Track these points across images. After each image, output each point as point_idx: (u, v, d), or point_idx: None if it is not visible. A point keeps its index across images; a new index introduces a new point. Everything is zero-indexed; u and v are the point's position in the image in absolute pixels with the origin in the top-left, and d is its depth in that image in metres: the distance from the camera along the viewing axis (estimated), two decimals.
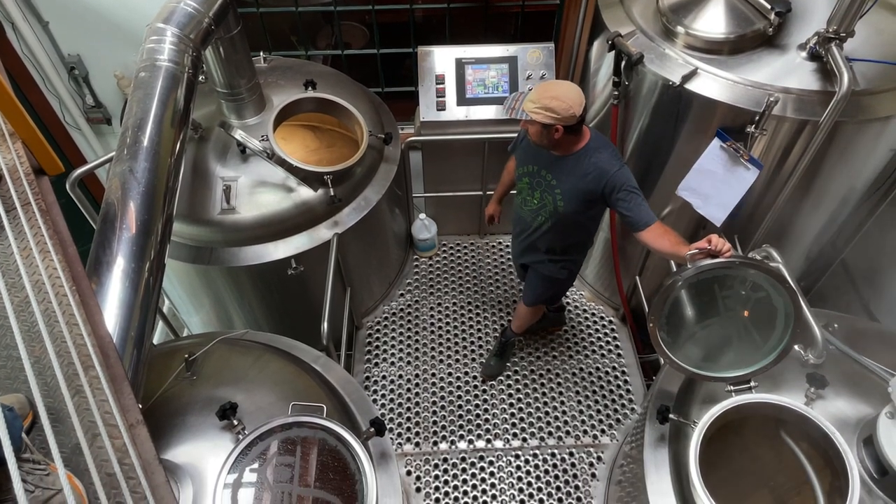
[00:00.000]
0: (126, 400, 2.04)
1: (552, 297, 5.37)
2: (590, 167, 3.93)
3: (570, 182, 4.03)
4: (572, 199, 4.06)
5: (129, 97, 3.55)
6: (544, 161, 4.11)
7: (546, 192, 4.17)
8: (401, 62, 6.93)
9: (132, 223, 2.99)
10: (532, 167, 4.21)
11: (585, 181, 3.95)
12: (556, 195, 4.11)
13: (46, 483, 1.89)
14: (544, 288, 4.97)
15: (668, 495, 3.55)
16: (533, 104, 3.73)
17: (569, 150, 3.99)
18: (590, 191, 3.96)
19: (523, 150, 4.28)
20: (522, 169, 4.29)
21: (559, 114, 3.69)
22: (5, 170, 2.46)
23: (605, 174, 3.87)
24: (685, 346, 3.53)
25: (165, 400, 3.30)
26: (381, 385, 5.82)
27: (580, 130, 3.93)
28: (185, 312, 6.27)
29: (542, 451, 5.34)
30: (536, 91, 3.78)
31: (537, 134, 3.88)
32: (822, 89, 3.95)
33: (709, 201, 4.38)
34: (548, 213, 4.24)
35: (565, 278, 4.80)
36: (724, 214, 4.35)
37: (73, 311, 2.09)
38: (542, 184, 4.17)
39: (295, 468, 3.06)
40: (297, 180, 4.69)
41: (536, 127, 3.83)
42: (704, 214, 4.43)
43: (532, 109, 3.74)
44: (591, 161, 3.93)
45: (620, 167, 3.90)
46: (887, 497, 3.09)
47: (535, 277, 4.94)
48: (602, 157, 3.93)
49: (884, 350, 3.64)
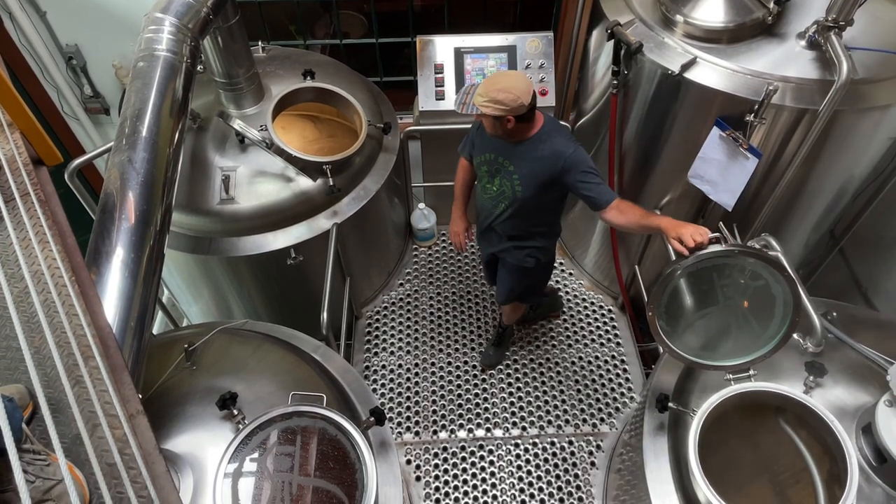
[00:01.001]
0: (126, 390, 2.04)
1: (527, 293, 5.21)
2: (545, 151, 3.98)
3: (527, 167, 4.07)
4: (530, 184, 4.10)
5: (127, 87, 3.54)
6: (500, 148, 4.14)
7: (505, 179, 4.19)
8: (399, 51, 6.92)
9: (131, 213, 2.99)
10: (490, 155, 4.23)
11: (542, 165, 4.00)
12: (515, 181, 4.14)
13: (47, 473, 1.89)
14: (514, 281, 4.93)
15: (668, 483, 3.56)
16: (482, 98, 3.76)
17: (523, 137, 4.02)
18: (547, 174, 4.00)
19: (480, 139, 4.30)
20: (481, 158, 4.31)
21: (508, 105, 3.73)
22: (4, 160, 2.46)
23: (561, 156, 3.93)
24: (684, 335, 3.53)
25: (165, 390, 3.30)
26: (380, 374, 5.83)
27: (532, 118, 3.95)
28: (184, 302, 6.27)
29: (542, 439, 5.35)
30: (484, 84, 3.81)
31: (491, 126, 3.94)
32: (821, 78, 3.95)
33: (718, 188, 4.39)
34: (508, 199, 4.26)
35: (533, 267, 4.73)
36: (733, 200, 4.36)
37: (73, 301, 2.09)
38: (501, 171, 4.19)
39: (295, 457, 3.07)
40: (296, 170, 4.69)
41: (489, 119, 3.88)
42: (716, 200, 4.45)
43: (481, 104, 3.77)
44: (546, 145, 3.99)
45: (576, 149, 3.97)
46: (886, 484, 3.10)
47: (504, 271, 4.93)
48: (557, 141, 3.98)
49: (882, 338, 3.65)
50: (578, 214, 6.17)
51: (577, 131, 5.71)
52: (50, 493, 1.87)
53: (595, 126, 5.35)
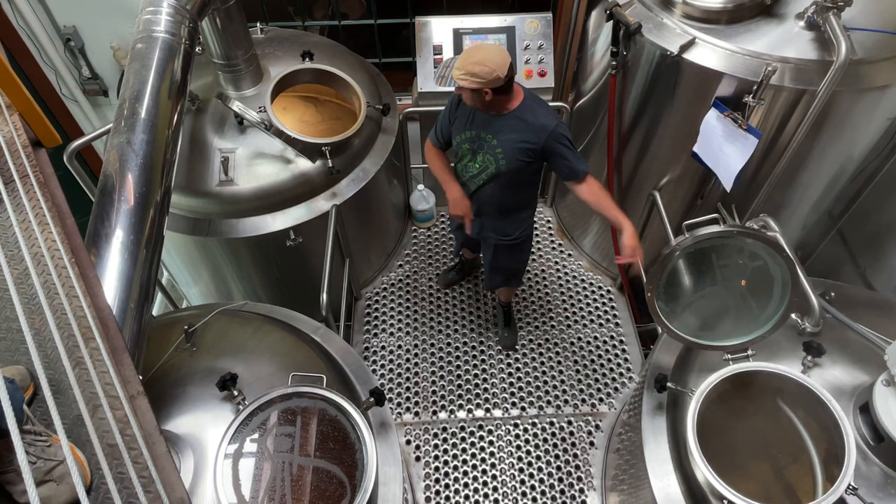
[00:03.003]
0: (126, 371, 2.05)
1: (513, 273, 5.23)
2: (528, 123, 4.03)
3: (510, 140, 4.08)
4: (513, 157, 4.12)
5: (125, 69, 3.54)
6: (482, 124, 4.16)
7: (487, 154, 4.20)
8: (398, 33, 6.89)
9: (130, 195, 2.99)
10: (470, 132, 4.24)
11: (525, 136, 4.04)
12: (497, 154, 4.15)
13: (48, 454, 1.91)
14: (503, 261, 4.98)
15: (666, 463, 3.58)
16: (459, 71, 3.79)
17: (504, 109, 4.06)
18: (530, 146, 4.05)
19: (459, 118, 4.30)
20: (461, 136, 4.30)
21: (484, 78, 3.75)
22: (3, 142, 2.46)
23: (546, 129, 3.99)
24: (683, 316, 3.55)
25: (165, 371, 3.31)
26: (380, 355, 5.84)
27: (510, 90, 3.97)
28: (183, 284, 6.28)
29: (541, 419, 5.37)
30: (461, 58, 3.85)
31: (469, 98, 3.97)
32: (820, 58, 3.94)
33: (718, 164, 4.39)
34: (489, 174, 4.28)
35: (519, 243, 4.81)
36: (731, 178, 4.36)
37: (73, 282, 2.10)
38: (484, 146, 4.20)
39: (295, 438, 3.08)
40: (295, 152, 4.68)
41: (467, 92, 3.91)
42: (720, 178, 4.44)
43: (458, 77, 3.80)
44: (528, 117, 4.03)
45: (558, 122, 4.05)
46: (883, 463, 3.12)
47: (490, 255, 4.98)
48: (539, 113, 4.05)
49: (880, 318, 3.66)
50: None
51: (577, 112, 5.72)
52: (51, 474, 1.88)
53: (594, 107, 5.35)
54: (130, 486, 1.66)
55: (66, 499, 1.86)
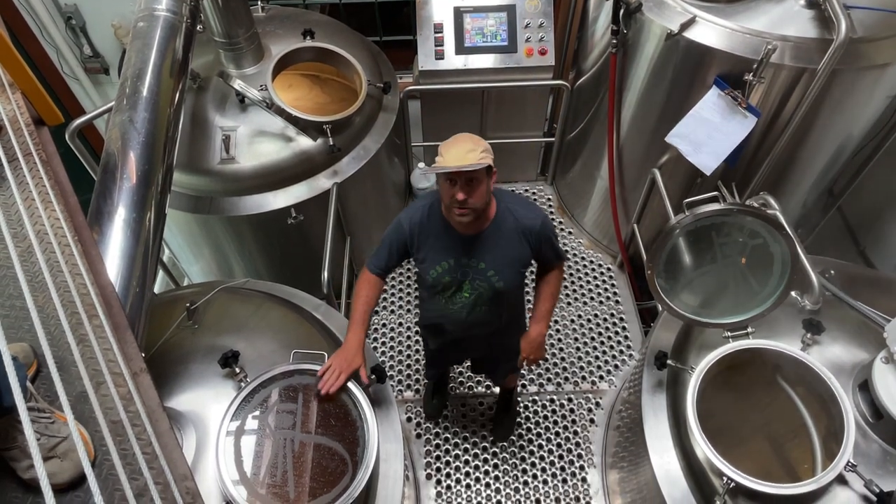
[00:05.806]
0: (129, 348, 2.07)
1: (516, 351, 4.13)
2: (513, 230, 3.50)
3: (501, 258, 3.55)
4: (510, 275, 3.62)
5: (127, 47, 3.54)
6: (460, 249, 3.53)
7: (477, 280, 3.61)
8: (399, 11, 6.87)
9: (132, 173, 3.00)
10: (448, 263, 3.58)
11: (516, 249, 3.55)
12: (490, 277, 3.57)
13: (51, 431, 1.93)
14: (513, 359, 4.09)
15: (666, 440, 3.60)
16: (474, 153, 3.08)
17: (486, 220, 3.47)
18: (524, 255, 3.59)
19: (425, 250, 3.60)
20: (435, 270, 3.60)
21: (490, 151, 3.17)
22: (6, 120, 2.47)
23: (532, 230, 3.51)
24: (683, 293, 3.56)
25: (168, 349, 3.33)
26: (381, 333, 5.85)
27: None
28: (185, 262, 6.29)
29: (541, 397, 5.39)
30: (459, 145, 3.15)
31: (482, 192, 3.20)
32: (820, 37, 3.94)
33: (700, 149, 4.36)
34: (485, 298, 3.69)
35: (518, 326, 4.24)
36: (716, 163, 4.35)
37: (76, 260, 2.12)
38: (469, 273, 3.59)
39: (297, 415, 3.11)
40: (297, 130, 4.69)
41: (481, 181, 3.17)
42: (694, 162, 4.40)
43: (480, 157, 3.08)
44: (510, 223, 3.50)
45: (543, 216, 3.57)
46: (882, 441, 3.14)
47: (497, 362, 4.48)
48: (520, 214, 3.50)
49: (879, 296, 3.67)
50: (578, 173, 6.18)
51: (577, 91, 5.71)
52: (55, 450, 1.90)
53: (594, 85, 5.34)
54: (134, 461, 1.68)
55: (71, 474, 1.88)
